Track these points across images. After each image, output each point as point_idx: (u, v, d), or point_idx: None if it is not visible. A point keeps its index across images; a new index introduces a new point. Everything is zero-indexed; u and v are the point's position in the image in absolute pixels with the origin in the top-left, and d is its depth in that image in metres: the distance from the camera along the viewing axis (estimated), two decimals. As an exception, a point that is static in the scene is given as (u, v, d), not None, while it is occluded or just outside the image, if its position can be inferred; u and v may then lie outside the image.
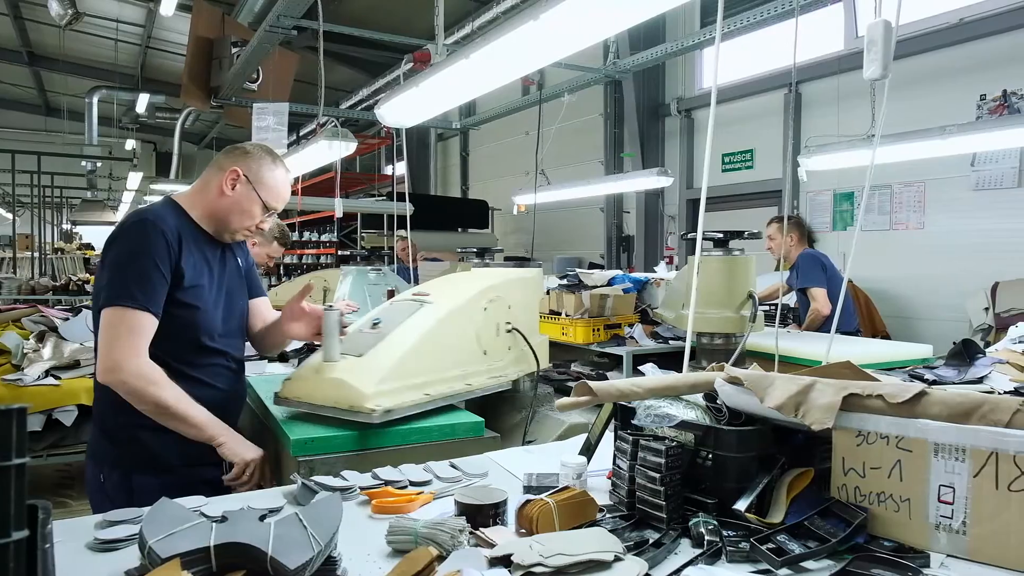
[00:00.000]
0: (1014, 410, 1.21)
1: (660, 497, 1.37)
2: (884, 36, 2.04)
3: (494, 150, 11.31)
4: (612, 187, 7.05)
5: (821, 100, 6.41)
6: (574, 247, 9.46)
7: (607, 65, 6.56)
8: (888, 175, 5.78)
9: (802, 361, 2.97)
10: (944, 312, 5.42)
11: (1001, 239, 5.23)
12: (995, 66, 5.25)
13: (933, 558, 1.25)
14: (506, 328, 2.66)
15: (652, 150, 8.02)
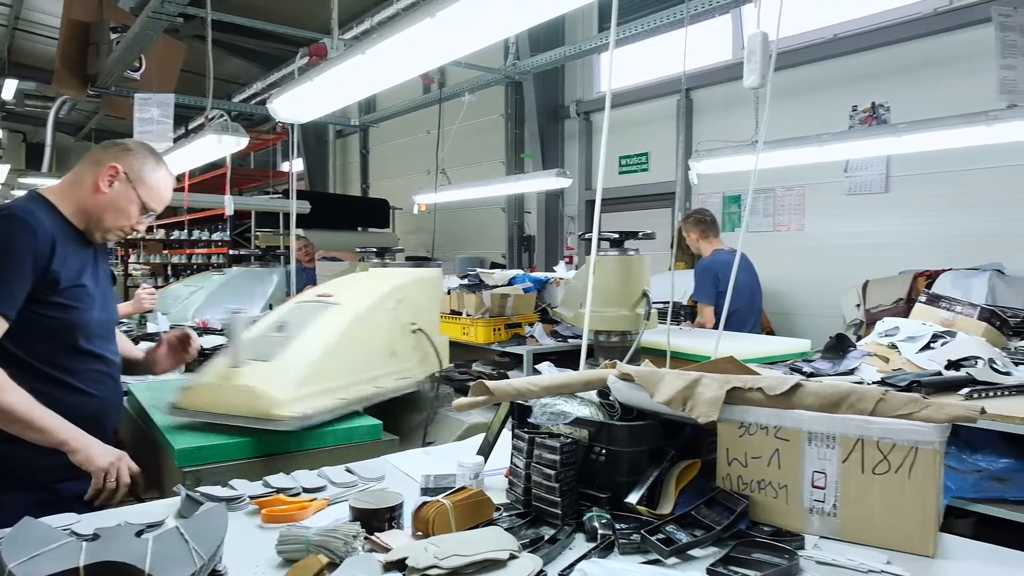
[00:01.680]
0: (877, 399, 1.30)
1: (555, 494, 1.39)
2: (762, 47, 2.16)
3: (395, 148, 11.17)
4: (512, 187, 7.11)
5: (711, 106, 6.70)
6: (476, 247, 9.48)
7: (507, 66, 6.61)
8: (772, 179, 6.11)
9: (692, 357, 3.09)
10: (821, 308, 5.78)
11: (871, 240, 5.64)
12: (865, 79, 5.65)
13: (808, 539, 1.33)
14: (411, 329, 2.63)
15: (552, 151, 8.14)
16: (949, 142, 3.43)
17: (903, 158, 5.35)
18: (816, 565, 1.25)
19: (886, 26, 5.46)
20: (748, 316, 4.44)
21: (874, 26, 5.54)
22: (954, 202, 5.17)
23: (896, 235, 5.50)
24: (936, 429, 1.25)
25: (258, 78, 10.65)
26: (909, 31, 5.33)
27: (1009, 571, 1.24)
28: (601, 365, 1.66)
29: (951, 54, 5.05)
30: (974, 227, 5.06)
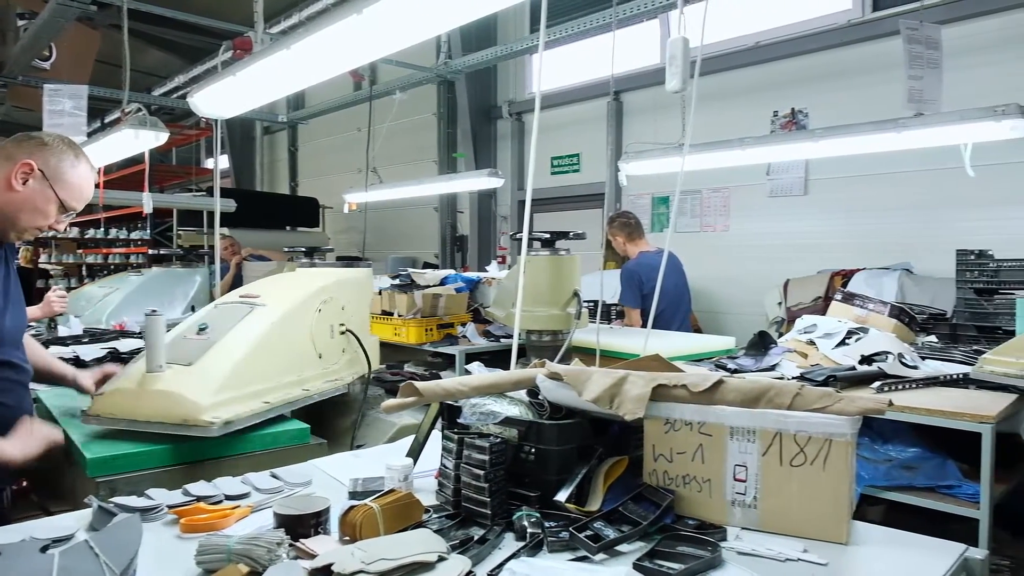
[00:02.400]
0: (794, 394, 1.35)
1: (485, 494, 1.39)
2: (683, 52, 2.21)
3: (325, 146, 10.96)
4: (445, 187, 7.08)
5: (640, 109, 6.82)
6: (408, 247, 9.40)
7: (439, 65, 6.58)
8: (699, 181, 6.27)
9: (622, 355, 3.14)
10: (746, 307, 5.97)
11: (792, 241, 5.86)
12: (786, 86, 5.87)
13: (730, 531, 1.37)
14: (340, 330, 2.59)
15: (484, 151, 8.14)
16: (862, 147, 3.59)
17: (821, 162, 5.57)
18: (737, 556, 1.28)
19: (805, 35, 5.69)
20: (675, 315, 4.54)
21: (794, 35, 5.75)
22: (868, 205, 5.43)
23: (815, 236, 5.73)
24: (848, 421, 1.30)
25: (180, 71, 10.27)
26: (826, 41, 5.56)
27: (914, 555, 1.31)
28: (531, 364, 1.67)
29: (865, 64, 5.29)
30: (886, 229, 5.32)
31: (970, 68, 4.57)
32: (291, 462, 1.89)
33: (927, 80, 3.07)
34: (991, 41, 4.77)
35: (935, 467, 2.48)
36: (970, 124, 2.98)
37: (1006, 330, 3.38)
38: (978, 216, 4.83)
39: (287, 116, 9.93)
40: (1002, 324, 3.41)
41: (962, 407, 2.27)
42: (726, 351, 3.56)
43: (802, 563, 1.26)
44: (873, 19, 5.27)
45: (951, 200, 4.90)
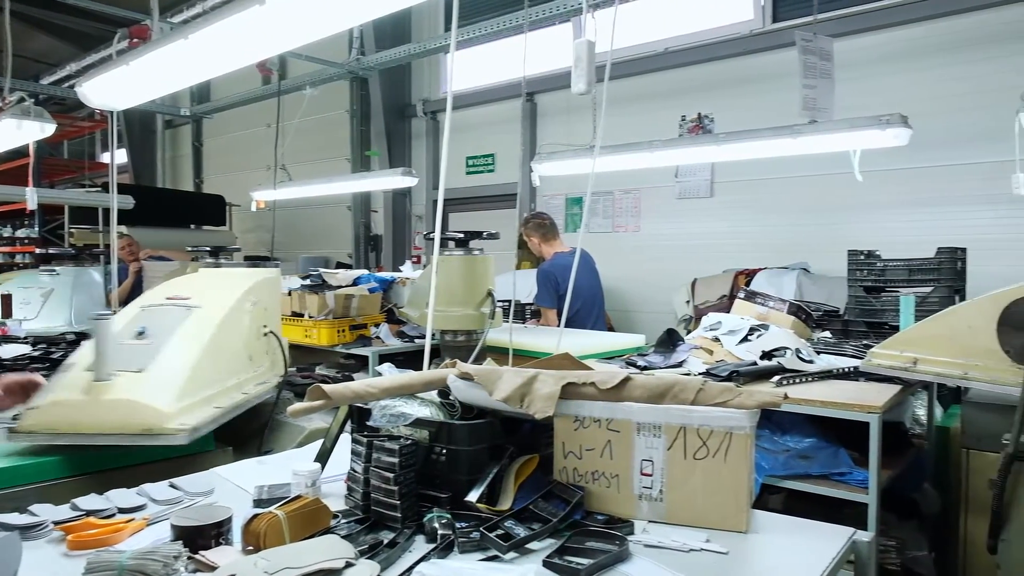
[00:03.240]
0: (697, 389, 1.40)
1: (394, 497, 1.37)
2: (588, 55, 2.24)
3: (232, 141, 10.56)
4: (358, 185, 6.95)
5: (554, 111, 6.91)
6: (321, 246, 9.18)
7: (351, 61, 6.46)
8: (610, 183, 6.41)
9: (536, 354, 3.16)
10: (656, 305, 6.14)
11: (699, 241, 6.08)
12: (693, 91, 6.08)
13: (637, 525, 1.40)
14: (264, 331, 2.52)
15: (399, 150, 8.04)
16: (762, 152, 3.76)
17: (725, 165, 5.80)
18: (644, 548, 1.32)
19: (710, 43, 5.90)
20: (590, 314, 4.62)
21: (700, 43, 5.96)
22: (769, 207, 5.68)
23: (720, 236, 5.95)
24: (747, 415, 1.35)
25: (73, 59, 9.65)
26: (730, 49, 5.79)
27: (808, 540, 1.38)
28: (442, 364, 1.66)
29: (766, 72, 5.53)
30: (785, 230, 5.58)
31: (860, 79, 4.86)
32: (192, 470, 1.81)
33: (820, 89, 3.24)
34: (878, 55, 5.09)
35: (829, 456, 2.61)
36: (859, 132, 3.17)
37: (892, 325, 3.61)
38: (867, 218, 5.15)
39: (191, 109, 9.50)
40: (888, 320, 3.63)
41: (852, 398, 2.40)
42: (636, 349, 3.65)
43: (705, 552, 1.30)
44: (773, 30, 5.52)
45: (843, 203, 5.19)
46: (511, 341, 2.86)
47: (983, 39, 4.71)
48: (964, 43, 4.78)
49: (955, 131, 4.69)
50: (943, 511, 2.93)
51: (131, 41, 3.54)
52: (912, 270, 3.58)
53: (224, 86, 9.10)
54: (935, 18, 4.88)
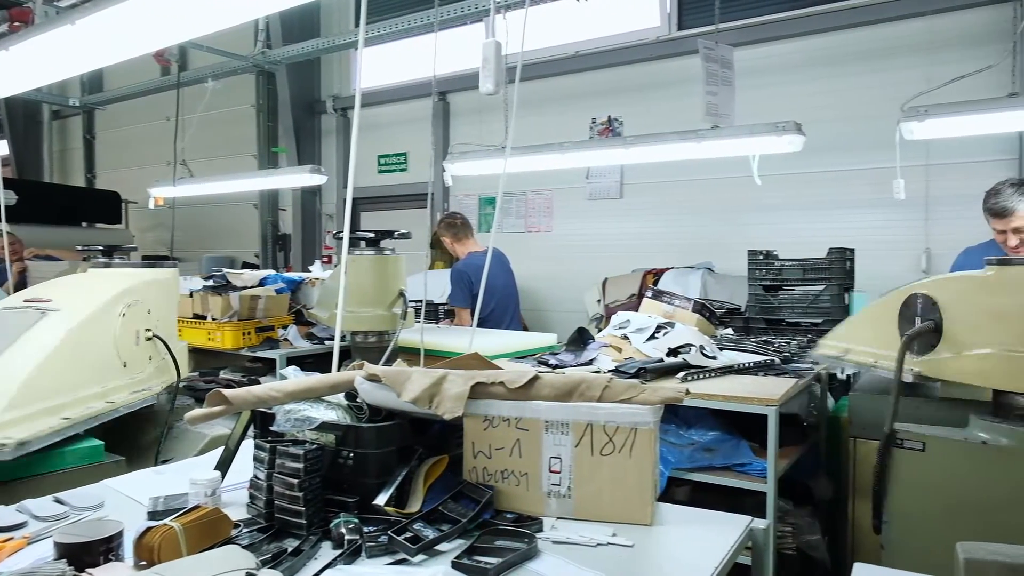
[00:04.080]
0: (603, 386, 1.42)
1: (299, 503, 1.33)
2: (496, 55, 2.25)
3: (128, 135, 10.00)
4: (264, 183, 6.72)
5: (467, 110, 6.90)
6: (226, 245, 8.84)
7: (256, 54, 6.24)
8: (523, 183, 6.46)
9: (448, 354, 3.15)
10: (569, 304, 6.24)
11: (609, 241, 6.21)
12: (603, 95, 6.21)
13: (546, 522, 1.42)
14: (146, 336, 2.38)
15: (308, 147, 7.84)
16: (668, 155, 3.88)
17: (634, 167, 5.95)
18: (553, 545, 1.33)
19: (620, 48, 6.04)
20: (505, 313, 4.65)
21: (610, 47, 6.09)
22: (676, 208, 5.87)
23: (630, 237, 6.10)
24: (651, 410, 1.39)
25: (-54, 43, 8.92)
26: (639, 54, 5.95)
27: (709, 530, 1.43)
28: (350, 366, 1.62)
29: (673, 78, 5.71)
30: (691, 230, 5.78)
31: (759, 87, 5.09)
32: (81, 483, 1.70)
33: (722, 96, 3.37)
34: (776, 65, 5.34)
35: (731, 447, 2.72)
36: (757, 138, 3.32)
37: (789, 322, 3.80)
38: (766, 220, 5.40)
39: (81, 100, 8.93)
40: (785, 316, 3.83)
41: (752, 393, 2.51)
42: (548, 348, 3.69)
43: (611, 546, 1.33)
44: (678, 37, 5.71)
45: (744, 205, 5.42)
46: (422, 341, 2.83)
47: (869, 53, 5.03)
48: (853, 56, 5.09)
49: (845, 139, 4.99)
50: (835, 497, 3.11)
51: (11, 24, 3.30)
52: (806, 269, 3.78)
53: (118, 76, 8.61)
54: (826, 32, 5.17)
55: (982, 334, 1.89)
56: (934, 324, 2.00)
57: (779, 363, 2.99)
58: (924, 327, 2.01)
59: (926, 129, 3.08)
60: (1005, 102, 2.99)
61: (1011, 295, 1.83)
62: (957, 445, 1.91)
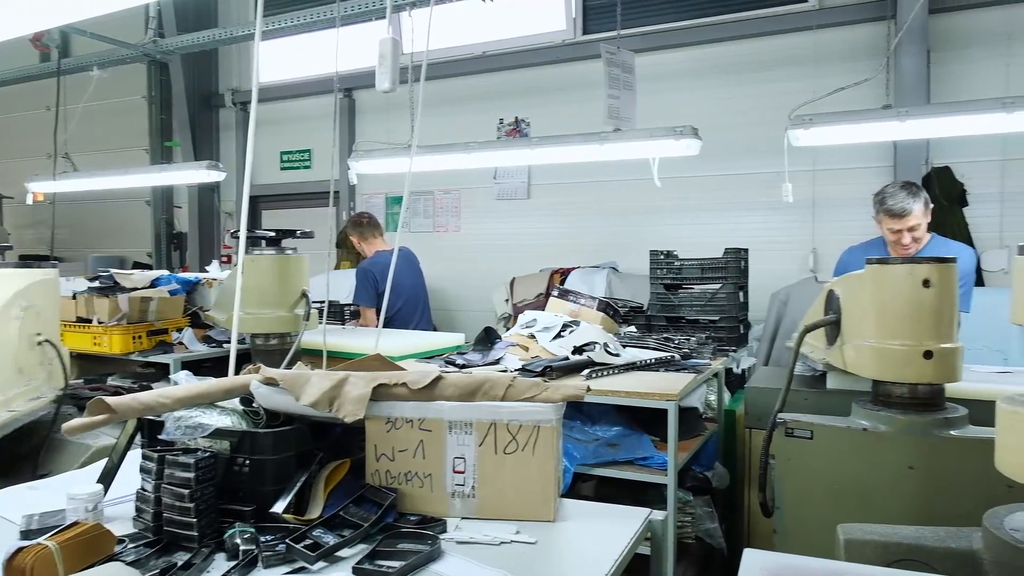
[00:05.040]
0: (507, 385, 1.43)
1: (190, 514, 1.27)
2: (392, 53, 2.23)
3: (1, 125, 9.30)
4: (156, 179, 6.37)
5: (373, 108, 6.79)
6: (115, 245, 8.34)
7: (147, 42, 5.92)
8: (431, 183, 6.42)
9: (352, 355, 3.09)
10: (477, 304, 6.25)
11: (517, 241, 6.26)
12: (510, 96, 6.25)
13: (450, 522, 1.41)
14: (37, 340, 2.22)
15: (205, 142, 7.50)
16: (573, 157, 3.94)
17: (541, 168, 6.03)
18: (456, 545, 1.33)
19: (526, 50, 6.10)
20: (413, 313, 4.60)
21: (517, 49, 6.13)
22: (581, 209, 5.98)
23: (537, 236, 6.17)
24: (554, 408, 1.41)
25: None
26: (545, 57, 6.02)
27: (610, 523, 1.46)
28: (245, 369, 1.56)
29: (578, 81, 5.81)
30: (597, 231, 5.91)
31: (659, 93, 5.25)
32: (-58, 503, 1.56)
33: (623, 100, 3.46)
34: (676, 71, 5.53)
35: (634, 442, 2.80)
36: (657, 141, 3.42)
37: (688, 319, 3.94)
38: (667, 221, 5.58)
39: (-54, 86, 8.22)
40: (685, 314, 3.97)
41: (653, 388, 2.59)
42: (456, 347, 3.68)
43: (515, 544, 1.34)
44: (583, 41, 5.82)
45: (647, 206, 5.59)
46: (324, 343, 2.76)
47: (761, 64, 5.29)
48: (746, 66, 5.34)
49: (739, 144, 5.22)
50: (731, 486, 3.25)
51: None
52: (704, 268, 3.93)
53: (-9, 61, 7.99)
54: (722, 41, 5.40)
55: (864, 328, 2.02)
56: (835, 318, 2.14)
57: (679, 359, 3.09)
58: (823, 320, 2.16)
59: (811, 136, 3.26)
60: (879, 113, 3.20)
61: (884, 292, 1.96)
62: (841, 432, 2.02)
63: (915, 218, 3.10)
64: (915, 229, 3.13)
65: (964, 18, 4.76)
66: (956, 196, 4.73)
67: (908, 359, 1.91)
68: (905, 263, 1.99)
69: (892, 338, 1.93)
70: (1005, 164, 4.69)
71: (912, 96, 4.51)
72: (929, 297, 1.90)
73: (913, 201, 3.10)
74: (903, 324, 1.92)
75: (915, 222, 3.11)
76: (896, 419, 1.97)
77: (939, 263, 1.94)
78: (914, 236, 3.14)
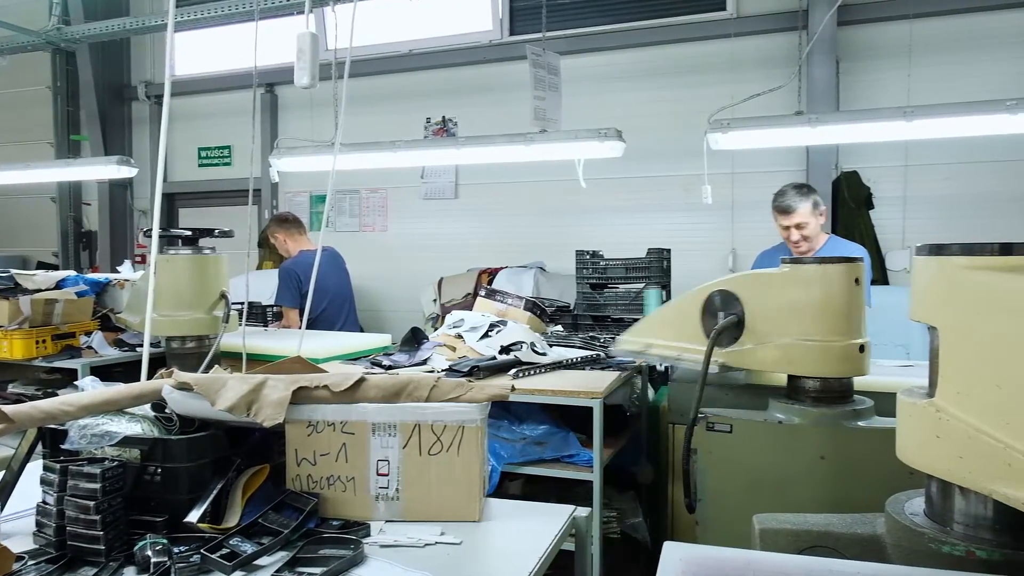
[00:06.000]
0: (431, 386, 1.42)
1: (96, 527, 1.21)
2: (311, 48, 2.19)
3: None
4: (62, 174, 6.05)
5: (297, 104, 6.63)
6: (17, 243, 7.87)
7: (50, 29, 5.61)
8: (357, 181, 6.33)
9: (274, 357, 3.00)
10: (405, 304, 6.19)
11: (445, 241, 6.24)
12: (438, 95, 6.21)
13: (374, 526, 1.39)
14: None
15: (116, 136, 7.16)
16: (499, 157, 3.96)
17: (469, 169, 6.02)
18: (380, 549, 1.31)
19: (453, 49, 6.08)
20: (339, 314, 4.51)
21: (444, 48, 6.11)
22: (509, 209, 6.01)
23: (465, 236, 6.16)
24: (478, 408, 1.41)
25: None
26: (473, 56, 6.02)
27: (535, 521, 1.46)
28: (157, 375, 1.50)
29: (506, 81, 5.83)
30: (524, 231, 5.95)
31: (585, 95, 5.33)
32: None
33: (549, 101, 3.49)
34: (601, 74, 5.63)
35: (560, 440, 2.82)
36: (582, 143, 3.47)
37: (614, 318, 4.01)
38: (593, 221, 5.67)
39: None
40: (611, 313, 4.04)
41: (578, 386, 2.62)
42: (383, 348, 3.63)
43: (440, 545, 1.33)
44: (509, 42, 5.85)
45: (573, 207, 5.66)
46: (244, 345, 2.68)
47: (683, 68, 5.44)
48: (669, 70, 5.48)
49: (661, 146, 5.35)
50: (656, 481, 3.32)
51: None
52: (628, 268, 4.01)
53: None
54: (646, 46, 5.53)
55: (780, 326, 2.08)
56: (737, 318, 2.19)
57: (605, 357, 3.14)
58: (729, 321, 2.18)
59: (729, 140, 3.37)
60: (792, 119, 3.34)
61: (802, 291, 2.04)
62: (758, 426, 2.10)
63: (801, 216, 3.30)
64: (803, 227, 3.31)
65: (870, 31, 5.02)
66: (863, 199, 4.98)
67: (847, 354, 2.00)
68: (839, 262, 2.06)
69: (833, 335, 2.00)
70: (907, 169, 4.98)
71: (822, 103, 4.73)
72: (858, 294, 2.01)
73: (800, 200, 3.30)
74: (843, 321, 2.00)
75: (801, 220, 3.30)
76: (809, 412, 2.05)
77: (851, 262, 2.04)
78: (803, 234, 3.32)
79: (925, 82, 4.80)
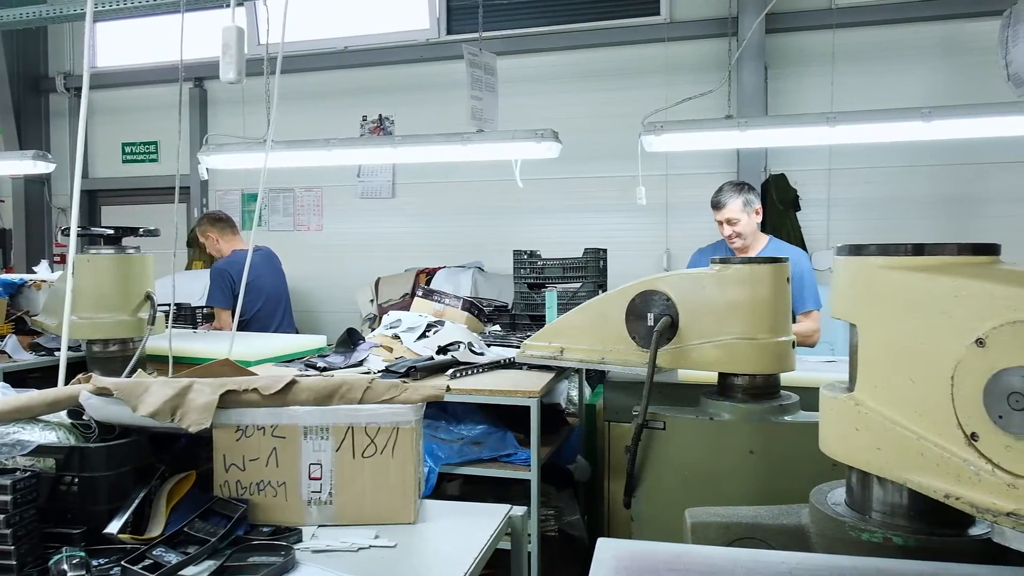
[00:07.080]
0: (365, 388, 1.40)
1: (8, 542, 1.15)
2: (237, 42, 2.13)
3: None
4: (-25, 169, 5.73)
5: (228, 100, 6.43)
6: (-77, 243, 7.42)
7: (-41, 17, 5.29)
8: (291, 180, 6.19)
9: (203, 360, 2.91)
10: (341, 304, 6.08)
11: (382, 241, 6.16)
12: (374, 93, 6.13)
13: (306, 531, 1.36)
14: None
15: (32, 129, 6.81)
16: (437, 156, 3.94)
17: (406, 168, 5.97)
18: (312, 554, 1.28)
19: (390, 47, 6.01)
20: (274, 315, 4.41)
21: (380, 45, 6.04)
22: (447, 209, 5.98)
23: (403, 236, 6.10)
24: (412, 409, 1.39)
25: None
26: (409, 55, 5.97)
27: (470, 521, 1.46)
28: (74, 380, 1.43)
29: (443, 80, 5.80)
30: (462, 231, 5.93)
31: (522, 95, 5.35)
32: None
33: (486, 101, 3.49)
34: (537, 75, 5.66)
35: (497, 439, 2.82)
36: (519, 143, 3.49)
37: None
38: (531, 221, 5.70)
39: None
40: (548, 314, 4.06)
41: (515, 386, 2.63)
42: (318, 350, 3.57)
43: (374, 549, 1.31)
44: (446, 41, 5.82)
45: (511, 207, 5.68)
46: (171, 348, 2.59)
47: (619, 71, 5.53)
48: (605, 73, 5.56)
49: (597, 147, 5.42)
50: (592, 478, 3.36)
51: None
52: (565, 268, 4.04)
53: None
54: (582, 48, 5.60)
55: (716, 325, 2.12)
56: (671, 319, 2.20)
57: (541, 356, 3.15)
58: (665, 322, 2.17)
59: (663, 142, 3.44)
60: (722, 123, 3.43)
61: (737, 290, 2.09)
62: (691, 422, 2.14)
63: (731, 211, 3.41)
64: (734, 223, 3.42)
65: (796, 39, 5.20)
66: (790, 201, 5.16)
67: (781, 351, 2.07)
68: (767, 262, 2.12)
69: (768, 333, 2.05)
70: (831, 173, 5.18)
71: (752, 108, 4.87)
72: (787, 292, 2.08)
73: (731, 197, 3.41)
74: (776, 319, 2.07)
75: (731, 215, 3.41)
76: (738, 408, 2.11)
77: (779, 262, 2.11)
78: (735, 230, 3.43)
79: (847, 90, 5.01)
